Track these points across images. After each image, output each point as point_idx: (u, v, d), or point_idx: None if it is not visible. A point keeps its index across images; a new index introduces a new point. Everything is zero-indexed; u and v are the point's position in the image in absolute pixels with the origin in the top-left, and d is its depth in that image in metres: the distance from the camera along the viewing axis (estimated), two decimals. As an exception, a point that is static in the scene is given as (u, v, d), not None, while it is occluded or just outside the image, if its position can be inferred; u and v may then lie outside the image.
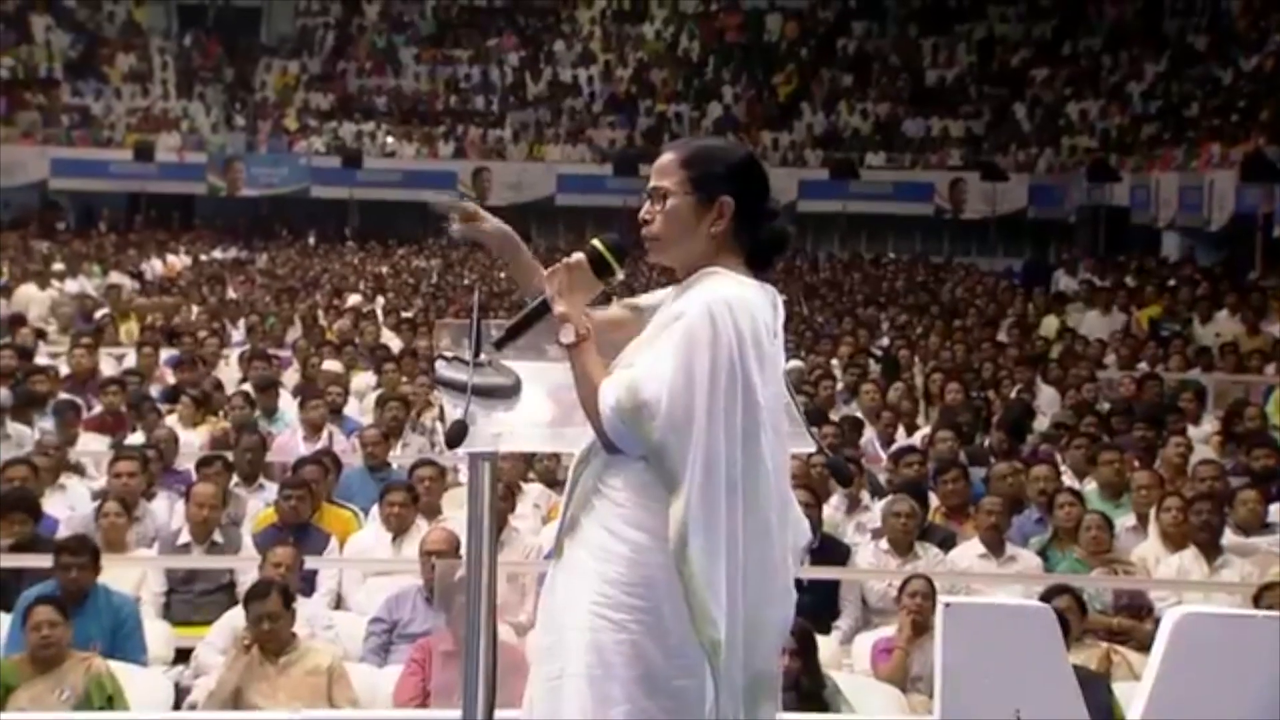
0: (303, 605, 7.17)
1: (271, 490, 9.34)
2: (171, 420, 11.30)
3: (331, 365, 13.99)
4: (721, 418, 3.40)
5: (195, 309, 19.20)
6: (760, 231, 3.60)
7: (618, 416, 3.44)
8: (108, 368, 14.17)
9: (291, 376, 13.85)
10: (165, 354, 14.46)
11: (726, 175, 3.58)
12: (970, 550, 8.47)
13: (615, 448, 3.49)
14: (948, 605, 4.16)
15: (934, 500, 9.40)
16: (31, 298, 19.09)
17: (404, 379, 12.87)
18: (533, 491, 9.52)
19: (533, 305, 3.71)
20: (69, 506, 9.15)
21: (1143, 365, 15.31)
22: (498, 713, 3.80)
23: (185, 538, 8.34)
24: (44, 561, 7.24)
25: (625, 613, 3.44)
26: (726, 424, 3.41)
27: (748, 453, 3.44)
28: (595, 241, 3.64)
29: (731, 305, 3.43)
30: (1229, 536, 8.62)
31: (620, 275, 3.67)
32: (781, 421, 3.55)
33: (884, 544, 8.43)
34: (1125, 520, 9.13)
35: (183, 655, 7.47)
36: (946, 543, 8.66)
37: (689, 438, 3.39)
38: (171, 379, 13.25)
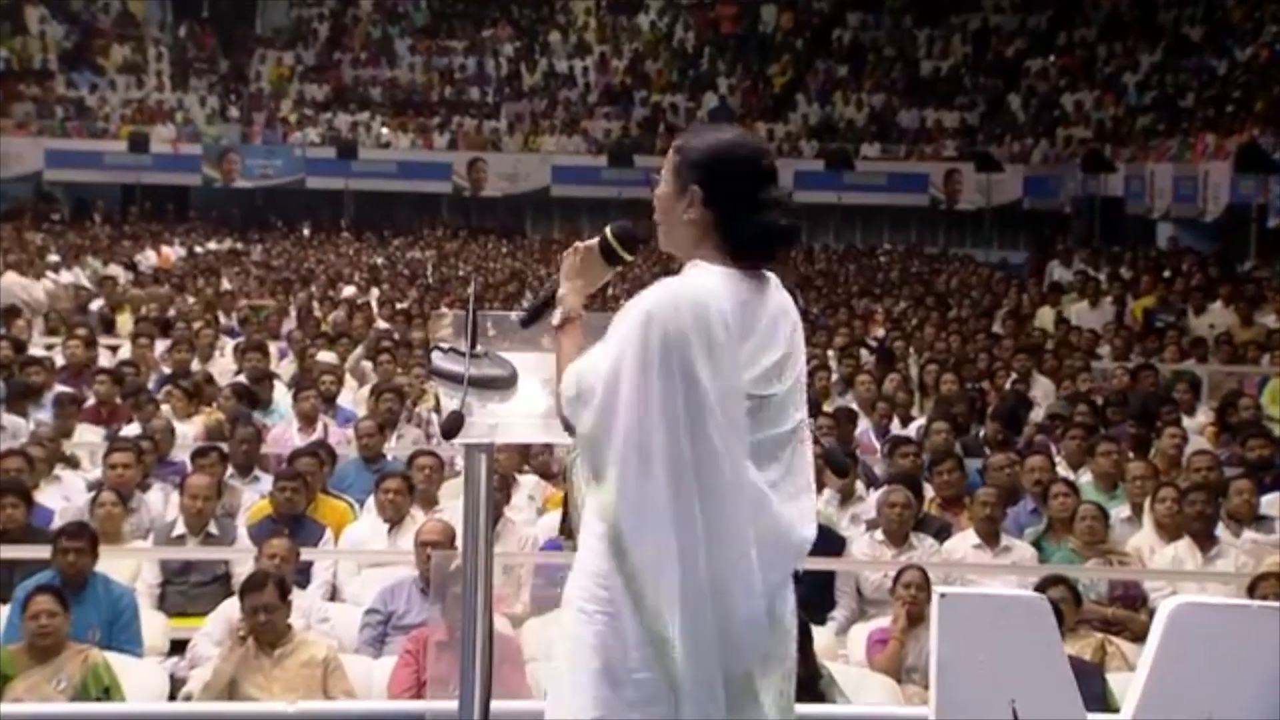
0: (298, 597, 7.17)
1: (266, 482, 9.34)
2: (164, 411, 11.29)
3: (326, 356, 13.99)
4: (657, 407, 3.34)
5: (190, 300, 19.19)
6: (743, 223, 3.50)
7: (565, 403, 3.47)
8: (103, 359, 14.17)
9: (287, 368, 13.85)
10: (162, 345, 14.44)
11: (698, 163, 3.53)
12: (965, 541, 8.48)
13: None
14: (943, 595, 4.16)
15: (929, 491, 9.41)
16: (13, 287, 18.92)
17: (399, 370, 12.88)
18: (528, 483, 9.53)
19: (549, 286, 3.75)
20: (64, 498, 9.15)
21: (1137, 356, 15.32)
22: (493, 703, 3.80)
23: (180, 529, 8.33)
24: (39, 553, 7.24)
25: (594, 604, 3.43)
26: (665, 413, 3.34)
27: (697, 443, 3.36)
28: (608, 229, 3.67)
29: (675, 294, 3.39)
30: (1221, 528, 8.63)
31: (628, 260, 3.70)
32: (736, 412, 3.40)
33: (879, 535, 8.44)
34: (1120, 511, 9.14)
35: (178, 646, 7.46)
36: (941, 533, 8.67)
37: (615, 428, 3.37)
38: (167, 370, 13.25)
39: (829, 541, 8.31)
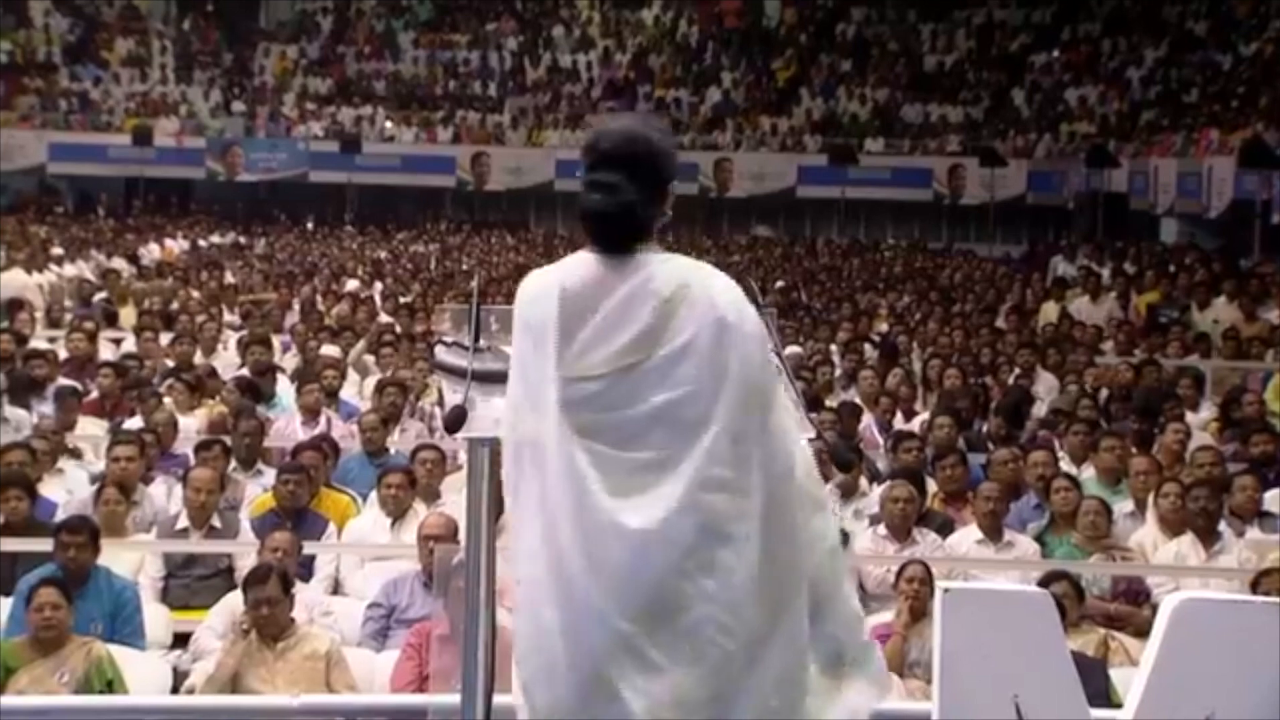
0: (301, 590, 7.18)
1: (270, 475, 9.33)
2: (167, 404, 11.28)
3: (329, 350, 13.99)
4: (511, 390, 3.49)
5: (194, 293, 19.19)
6: (578, 206, 3.59)
7: None
8: (106, 352, 14.17)
9: (290, 361, 13.85)
10: (165, 338, 14.44)
11: None
12: (968, 536, 8.47)
13: None
14: (946, 591, 4.15)
15: (932, 486, 9.40)
16: (13, 283, 18.89)
17: (402, 364, 12.87)
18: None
19: None
20: (67, 491, 9.15)
21: (1140, 351, 15.31)
22: (496, 697, 3.80)
23: (183, 522, 8.33)
24: (42, 546, 7.24)
25: None
26: (523, 400, 3.45)
27: (528, 425, 3.43)
28: None
29: (524, 283, 3.53)
30: (1224, 524, 8.62)
31: None
32: (549, 394, 3.40)
33: (882, 529, 8.43)
34: (1123, 506, 9.13)
35: (181, 639, 7.47)
36: (944, 528, 8.66)
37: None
38: (170, 363, 13.26)
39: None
